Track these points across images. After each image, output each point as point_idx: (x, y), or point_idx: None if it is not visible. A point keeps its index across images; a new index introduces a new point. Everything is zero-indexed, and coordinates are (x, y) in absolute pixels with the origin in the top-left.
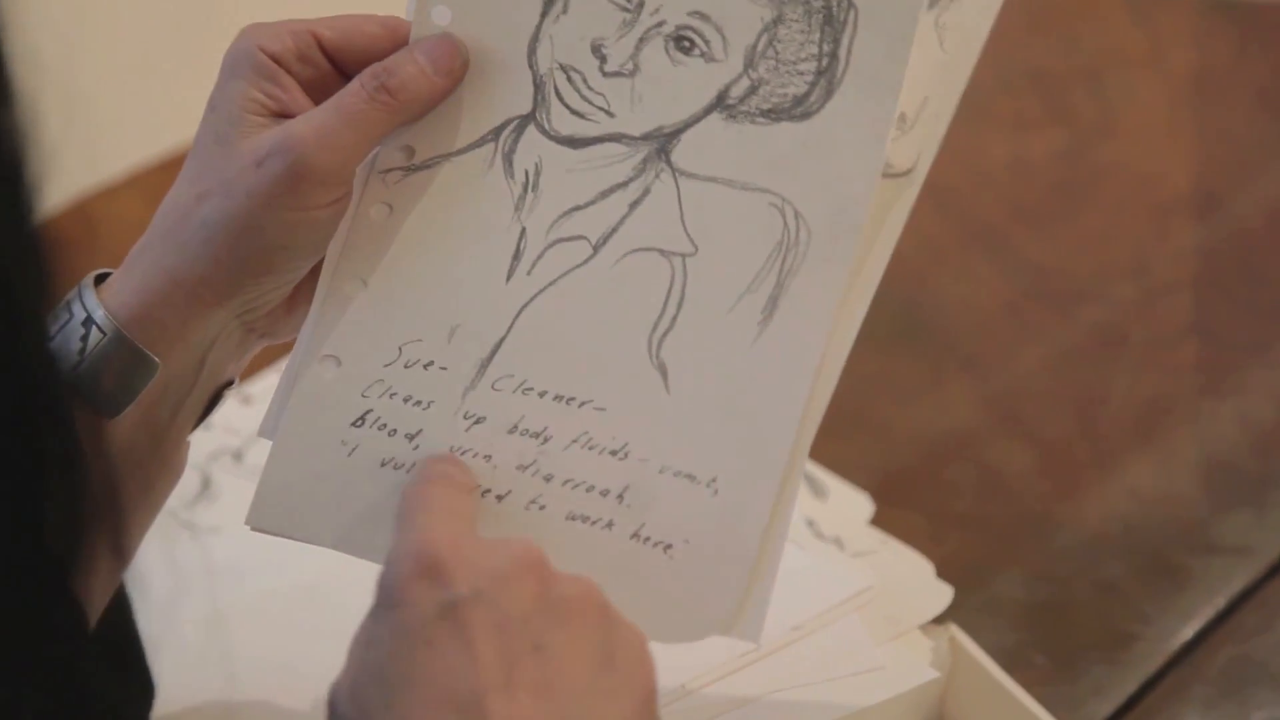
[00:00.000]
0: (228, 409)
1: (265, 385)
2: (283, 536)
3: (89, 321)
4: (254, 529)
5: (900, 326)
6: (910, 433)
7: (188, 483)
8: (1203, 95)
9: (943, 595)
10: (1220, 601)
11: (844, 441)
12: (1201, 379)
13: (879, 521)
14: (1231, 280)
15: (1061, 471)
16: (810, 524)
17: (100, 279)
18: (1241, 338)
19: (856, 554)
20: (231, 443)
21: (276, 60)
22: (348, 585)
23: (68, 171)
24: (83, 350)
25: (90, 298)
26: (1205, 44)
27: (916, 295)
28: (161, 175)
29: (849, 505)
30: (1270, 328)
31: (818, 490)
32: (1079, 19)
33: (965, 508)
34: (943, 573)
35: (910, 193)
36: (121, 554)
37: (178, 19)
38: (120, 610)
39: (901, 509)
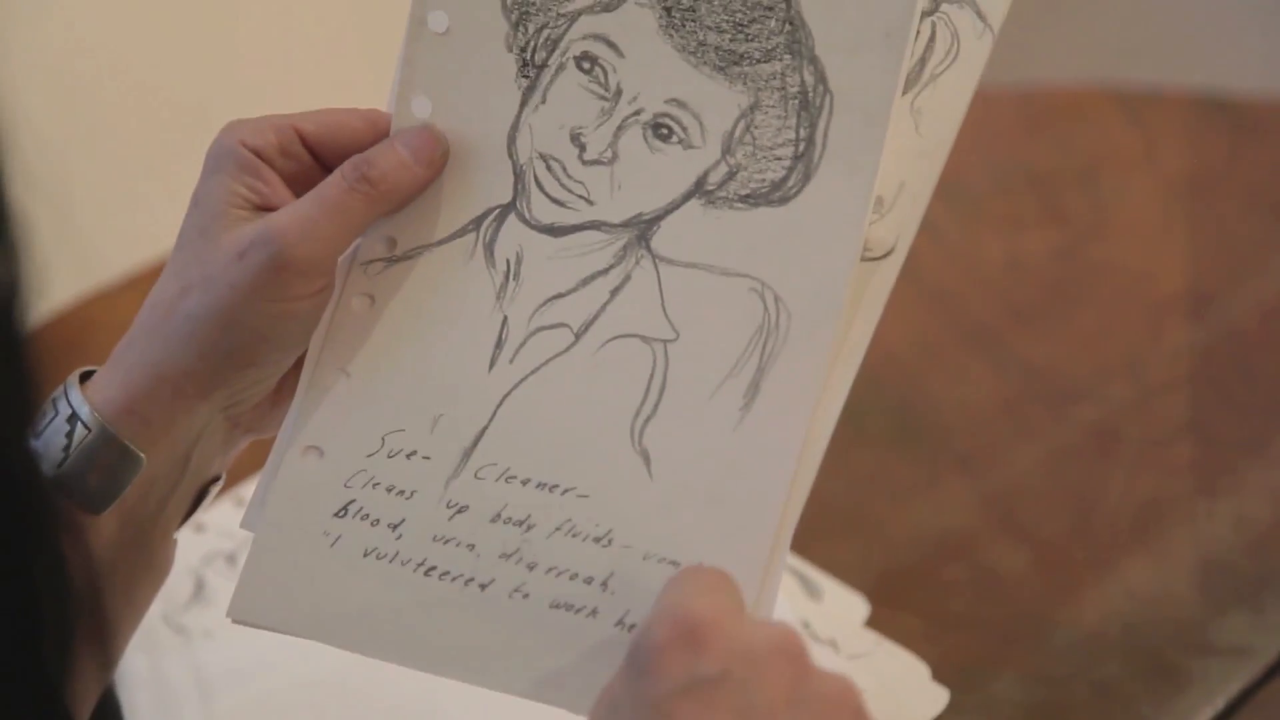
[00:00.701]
0: (221, 512)
1: None
2: (265, 629)
3: (74, 418)
4: (235, 621)
5: (895, 426)
6: (905, 533)
7: (180, 586)
8: (1196, 195)
9: (938, 698)
10: (1219, 703)
11: (839, 542)
12: (1197, 479)
13: (874, 622)
14: (1227, 380)
15: (1058, 571)
16: (805, 625)
17: (86, 376)
18: (1237, 437)
19: (852, 656)
20: (225, 546)
21: (259, 154)
22: (344, 687)
23: (63, 275)
24: (68, 447)
25: (75, 394)
26: (1198, 143)
27: (912, 395)
28: (158, 278)
29: (844, 607)
30: (1266, 427)
31: (812, 591)
32: (1072, 119)
33: (961, 608)
34: (938, 674)
35: (889, 274)
36: (106, 656)
37: (173, 122)
38: (109, 715)
39: (897, 610)
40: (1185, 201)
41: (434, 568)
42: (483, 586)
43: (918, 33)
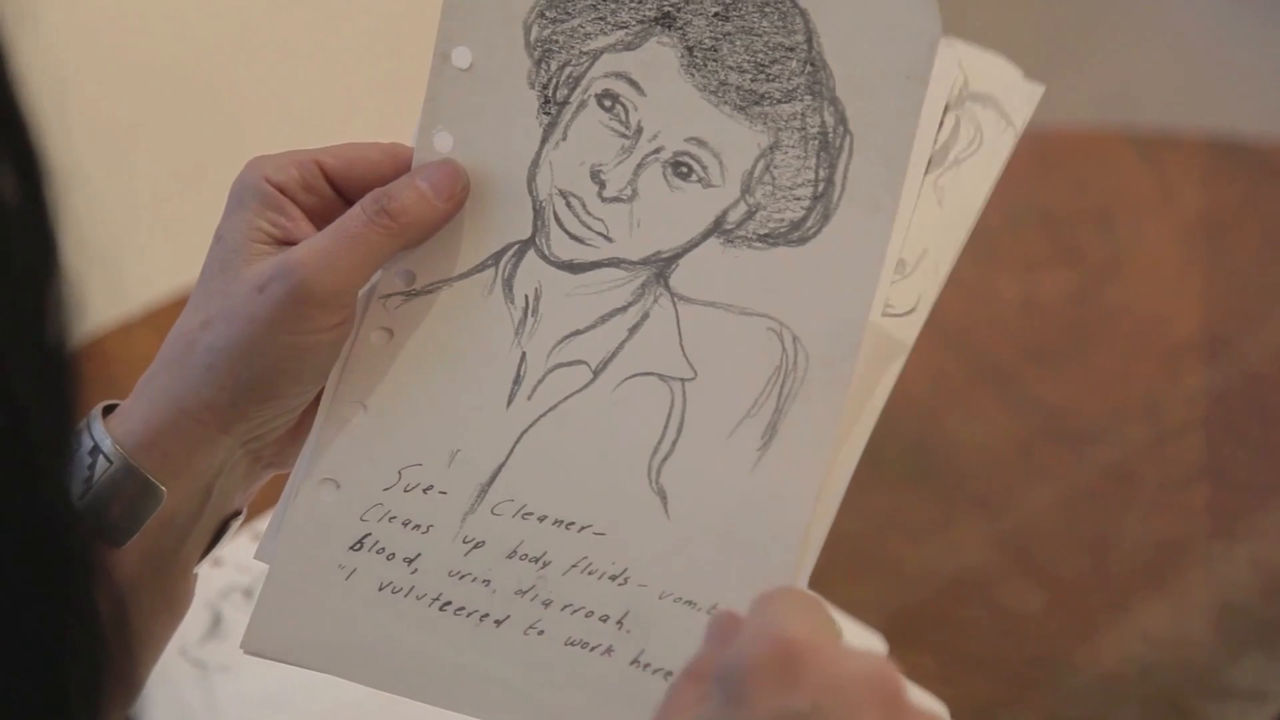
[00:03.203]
0: (239, 545)
1: None
2: (279, 661)
3: (96, 451)
4: (248, 653)
5: (911, 465)
6: (921, 572)
7: (198, 620)
8: (1211, 238)
9: None
10: None
11: (855, 581)
12: (1213, 521)
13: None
14: (1243, 422)
15: (1073, 613)
16: None
17: (110, 409)
18: (1253, 480)
19: None
20: (242, 580)
21: (282, 190)
22: None
23: (84, 309)
24: (90, 479)
25: (98, 428)
26: (1213, 186)
27: (927, 434)
28: (177, 312)
29: (860, 646)
30: None
31: None
32: (1088, 160)
33: (977, 648)
34: (955, 715)
35: (912, 330)
36: (129, 690)
37: (195, 156)
38: None
39: (913, 649)
40: (1201, 244)
41: (449, 603)
42: (498, 623)
43: (941, 124)
